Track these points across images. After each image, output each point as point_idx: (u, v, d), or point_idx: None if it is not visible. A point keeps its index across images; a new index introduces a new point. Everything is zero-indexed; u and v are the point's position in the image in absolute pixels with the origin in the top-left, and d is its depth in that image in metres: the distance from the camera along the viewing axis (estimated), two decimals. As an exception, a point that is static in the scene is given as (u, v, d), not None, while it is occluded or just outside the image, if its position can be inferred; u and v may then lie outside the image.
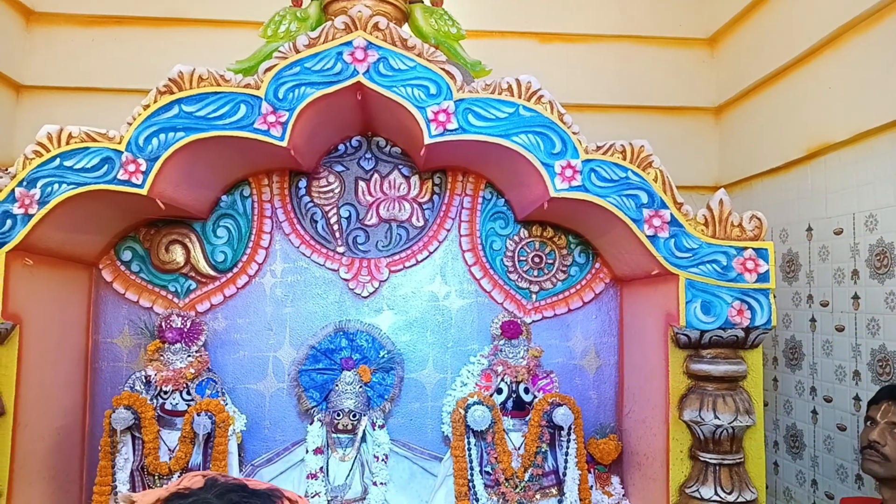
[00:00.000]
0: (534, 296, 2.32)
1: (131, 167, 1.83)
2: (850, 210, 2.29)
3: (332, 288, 2.29)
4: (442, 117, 1.88)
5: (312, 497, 2.03)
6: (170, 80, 1.88)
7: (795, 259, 2.61)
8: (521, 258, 2.32)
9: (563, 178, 1.88)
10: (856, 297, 2.26)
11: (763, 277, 1.85)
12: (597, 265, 2.33)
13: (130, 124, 1.86)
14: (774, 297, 1.86)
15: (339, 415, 2.11)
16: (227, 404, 2.05)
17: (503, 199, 2.33)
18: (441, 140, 1.88)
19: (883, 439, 1.67)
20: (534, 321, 2.31)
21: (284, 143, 1.87)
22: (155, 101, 1.87)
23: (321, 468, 2.06)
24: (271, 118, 1.87)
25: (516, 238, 2.33)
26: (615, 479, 2.21)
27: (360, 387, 2.14)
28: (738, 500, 1.80)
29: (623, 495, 2.19)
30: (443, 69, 1.90)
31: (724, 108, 3.21)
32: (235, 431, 2.01)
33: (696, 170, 3.25)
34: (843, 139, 2.32)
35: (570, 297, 2.33)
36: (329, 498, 2.04)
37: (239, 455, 2.11)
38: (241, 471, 2.08)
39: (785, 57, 2.64)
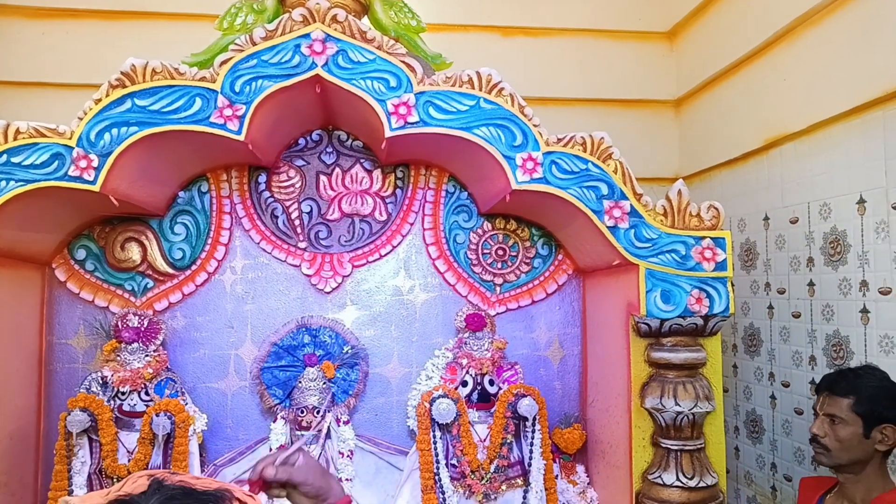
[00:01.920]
0: (498, 288, 2.33)
1: (83, 163, 1.78)
2: (806, 199, 2.35)
3: (294, 284, 2.27)
4: (402, 110, 1.87)
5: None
6: (122, 73, 1.83)
7: (753, 248, 2.66)
8: (485, 251, 2.33)
9: (525, 170, 1.88)
10: (811, 283, 2.31)
11: (721, 266, 1.89)
12: (560, 257, 2.35)
13: (82, 119, 1.81)
14: (732, 285, 1.89)
15: (302, 412, 2.09)
16: (186, 404, 2.02)
17: (466, 193, 2.33)
18: (402, 133, 1.87)
19: (822, 431, 1.70)
20: (498, 313, 2.31)
21: (242, 137, 1.84)
22: (107, 95, 1.82)
23: (285, 466, 2.04)
24: (228, 112, 1.83)
25: (480, 231, 2.33)
26: (580, 468, 2.23)
27: (324, 383, 2.13)
28: (700, 485, 1.83)
29: (588, 483, 2.22)
30: (403, 62, 1.89)
31: (683, 101, 3.25)
32: (196, 431, 1.98)
33: (657, 162, 3.29)
34: (798, 129, 2.37)
35: (534, 288, 2.34)
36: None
37: (201, 455, 2.08)
38: (202, 471, 2.05)
39: (743, 49, 2.68)
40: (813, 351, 2.29)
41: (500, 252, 2.33)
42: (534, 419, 2.09)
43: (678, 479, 1.83)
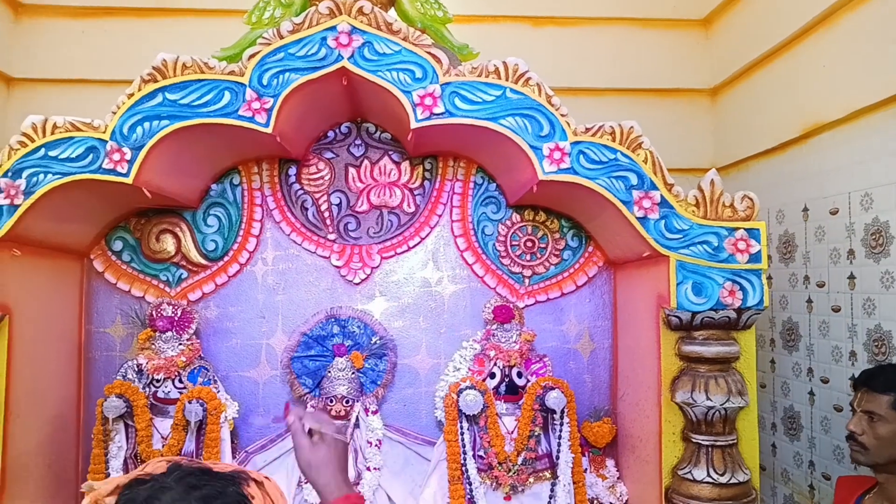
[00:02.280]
0: (527, 280, 2.31)
1: (116, 156, 1.82)
2: (846, 189, 2.27)
3: (323, 275, 2.29)
4: (428, 101, 1.86)
5: (305, 483, 2.03)
6: (154, 68, 1.87)
7: (792, 240, 2.59)
8: (514, 243, 2.31)
9: (552, 160, 1.86)
10: (852, 276, 2.24)
11: (755, 258, 1.84)
12: (590, 249, 2.32)
13: (115, 113, 1.85)
14: (769, 278, 1.85)
15: (331, 401, 2.11)
16: (218, 392, 2.06)
17: (494, 184, 2.32)
18: (428, 124, 1.87)
19: (860, 429, 1.66)
20: (527, 305, 2.30)
21: (269, 130, 1.86)
22: (139, 90, 1.86)
23: (314, 455, 2.06)
24: (256, 105, 1.86)
25: (508, 223, 2.32)
26: (610, 462, 2.21)
27: (353, 373, 2.14)
28: (731, 482, 1.79)
29: (617, 478, 2.19)
30: (429, 53, 1.88)
31: (719, 90, 3.17)
32: (227, 419, 2.01)
33: (692, 152, 3.22)
34: (837, 118, 2.29)
35: (564, 280, 2.32)
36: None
37: (233, 442, 2.12)
38: (234, 458, 2.09)
39: (779, 36, 2.61)
40: (853, 346, 2.22)
41: (529, 244, 2.31)
42: (562, 412, 2.07)
43: (709, 474, 1.80)
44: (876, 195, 2.12)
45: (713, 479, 1.79)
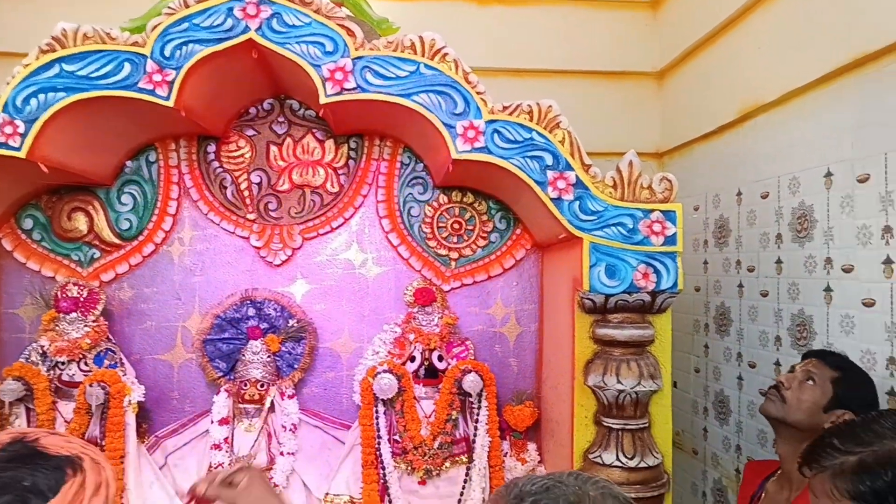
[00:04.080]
0: (453, 263, 2.27)
1: (8, 129, 1.74)
2: (776, 173, 2.25)
3: (243, 256, 2.22)
4: (339, 76, 1.80)
5: (216, 467, 1.99)
6: (52, 38, 1.78)
7: (726, 225, 2.57)
8: (441, 224, 2.26)
9: (466, 139, 1.81)
10: (779, 261, 2.22)
11: (670, 240, 1.80)
12: (517, 231, 2.28)
13: (8, 84, 1.76)
14: (705, 262, 1.81)
15: (245, 385, 2.06)
16: (124, 375, 1.99)
17: (422, 164, 2.26)
18: (338, 99, 1.80)
19: (789, 383, 1.65)
20: (453, 288, 2.25)
21: (171, 104, 1.78)
22: (36, 60, 1.78)
23: (225, 438, 2.02)
24: (157, 77, 1.78)
25: (435, 204, 2.27)
26: (531, 446, 2.18)
27: (268, 356, 2.09)
28: (640, 466, 1.77)
29: (538, 462, 2.17)
30: (341, 26, 1.81)
31: (665, 73, 3.14)
32: (131, 402, 1.95)
33: (639, 136, 3.18)
34: (770, 100, 2.26)
35: (491, 263, 2.27)
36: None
37: (143, 426, 2.07)
38: (142, 442, 2.03)
39: (721, 17, 2.57)
40: (779, 331, 2.21)
41: (457, 226, 2.27)
42: (480, 395, 2.04)
43: (618, 458, 1.77)
44: (803, 179, 2.10)
45: (622, 462, 1.77)
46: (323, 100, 1.80)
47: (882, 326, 1.74)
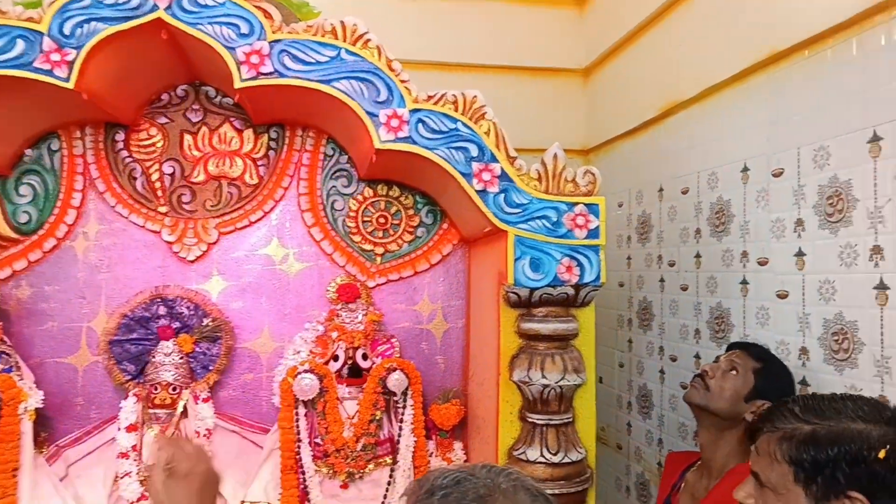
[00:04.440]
0: (378, 258, 2.21)
1: None
2: (696, 169, 2.29)
3: (153, 252, 2.10)
4: (255, 59, 1.71)
5: (123, 477, 1.86)
6: (-68, 10, 1.63)
7: (648, 220, 2.61)
8: (366, 218, 2.20)
9: (389, 128, 1.75)
10: (698, 255, 2.27)
11: (593, 233, 1.80)
12: (444, 226, 2.24)
13: None
14: (629, 258, 1.82)
15: (156, 388, 1.94)
16: (21, 379, 1.84)
17: (346, 156, 2.19)
18: (254, 84, 1.72)
19: (713, 372, 1.68)
20: (378, 284, 2.19)
21: (70, 85, 1.66)
22: (-86, 34, 1.62)
23: (134, 446, 1.89)
24: (55, 56, 1.65)
25: (360, 197, 2.20)
26: (458, 445, 2.15)
27: (181, 358, 1.98)
28: (564, 461, 1.76)
29: (465, 461, 2.13)
30: (257, 7, 1.73)
31: (591, 70, 3.17)
32: (27, 409, 1.80)
33: (566, 133, 3.20)
34: (691, 96, 2.31)
35: (417, 259, 2.23)
36: (142, 477, 1.88)
37: (42, 435, 1.92)
38: (40, 453, 1.88)
39: (644, 13, 2.60)
40: (698, 324, 2.25)
41: (382, 220, 2.21)
42: (405, 394, 1.99)
43: (542, 454, 1.75)
44: (721, 174, 2.15)
45: (546, 458, 1.75)
46: (238, 84, 1.71)
47: (795, 317, 1.79)
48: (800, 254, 1.78)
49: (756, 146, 1.97)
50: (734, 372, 1.67)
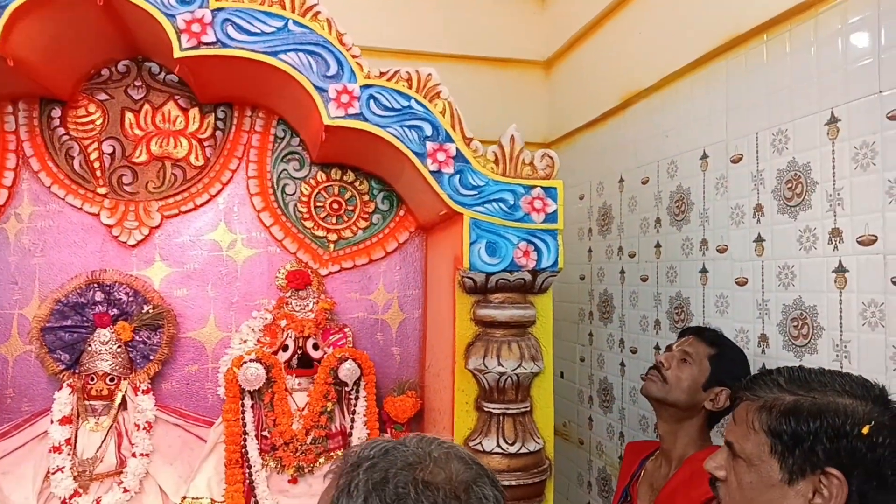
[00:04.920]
0: (331, 245, 2.12)
1: None
2: (656, 158, 2.26)
3: (92, 235, 1.98)
4: (196, 27, 1.62)
5: (55, 473, 1.74)
6: None
7: (609, 212, 2.58)
8: (319, 204, 2.12)
9: (339, 104, 1.68)
10: (658, 245, 2.24)
11: (551, 217, 1.75)
12: (401, 213, 2.17)
13: None
14: (590, 250, 1.77)
15: (92, 379, 1.83)
16: (-60, 369, 1.71)
17: (298, 138, 2.11)
18: (195, 54, 1.63)
19: (669, 363, 1.64)
20: (331, 272, 2.11)
21: (-7, 50, 1.55)
22: None
23: (67, 440, 1.78)
24: (-24, 18, 1.54)
25: (313, 182, 2.12)
26: (413, 439, 2.07)
27: (118, 346, 1.87)
28: (521, 451, 1.70)
29: (420, 455, 2.06)
30: (199, -27, 1.64)
31: (553, 62, 3.14)
32: (-54, 401, 1.68)
33: (527, 125, 3.14)
34: (649, 85, 2.28)
35: (372, 246, 2.15)
36: (76, 473, 1.76)
37: (-36, 430, 1.79)
38: (-39, 448, 1.76)
39: (603, 3, 2.57)
40: (658, 315, 2.22)
41: (336, 205, 2.13)
42: (357, 386, 1.91)
43: (499, 444, 1.69)
44: (680, 162, 2.12)
45: (503, 448, 1.69)
46: (177, 54, 1.62)
47: (754, 304, 1.77)
48: (759, 239, 1.75)
49: (715, 133, 1.94)
50: (689, 361, 1.64)
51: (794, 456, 0.93)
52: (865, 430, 0.90)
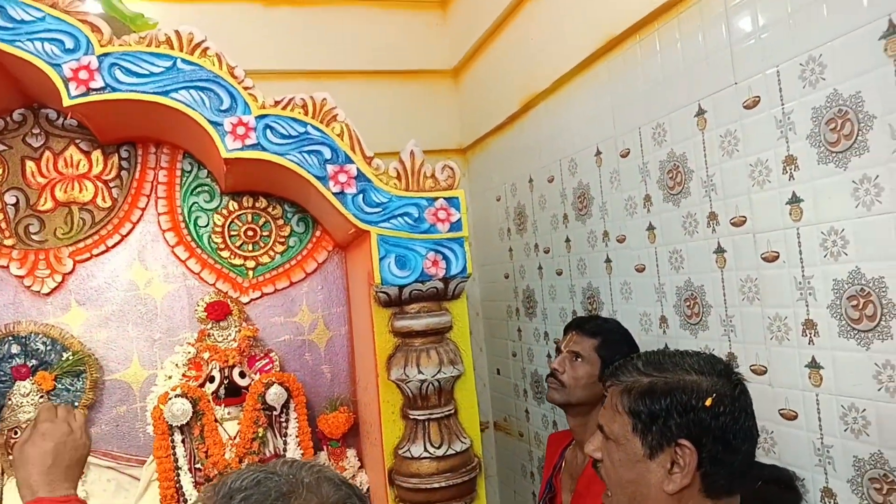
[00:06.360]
0: (250, 272, 2.15)
1: None
2: (557, 157, 2.37)
3: (3, 288, 1.95)
4: (83, 74, 1.63)
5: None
6: None
7: (523, 211, 2.68)
8: (233, 233, 2.14)
9: (235, 136, 1.71)
10: (567, 240, 2.34)
11: (456, 226, 1.83)
12: (317, 233, 2.21)
13: None
14: (510, 249, 1.84)
15: (16, 432, 1.81)
16: None
17: (205, 171, 2.13)
18: (84, 101, 1.64)
19: (562, 367, 1.72)
20: (253, 299, 2.14)
21: None
22: None
23: (-8, 498, 1.76)
24: None
25: (225, 211, 2.14)
26: (351, 453, 2.12)
27: (41, 397, 1.85)
28: (448, 453, 1.77)
29: (359, 467, 2.11)
30: (82, 21, 1.65)
31: (460, 70, 3.22)
32: None
33: (440, 134, 3.25)
34: (545, 88, 2.38)
35: (292, 269, 2.18)
36: (5, 524, 1.75)
37: None
38: None
39: (499, 10, 2.67)
40: (574, 306, 2.33)
41: (251, 233, 2.15)
42: (285, 408, 1.95)
43: (426, 449, 1.76)
44: (579, 159, 2.23)
45: (430, 452, 1.75)
46: (67, 102, 1.62)
47: (652, 289, 1.88)
48: (650, 228, 1.87)
49: (605, 130, 2.06)
50: (579, 359, 1.73)
51: (651, 432, 1.02)
52: (708, 402, 1.00)
